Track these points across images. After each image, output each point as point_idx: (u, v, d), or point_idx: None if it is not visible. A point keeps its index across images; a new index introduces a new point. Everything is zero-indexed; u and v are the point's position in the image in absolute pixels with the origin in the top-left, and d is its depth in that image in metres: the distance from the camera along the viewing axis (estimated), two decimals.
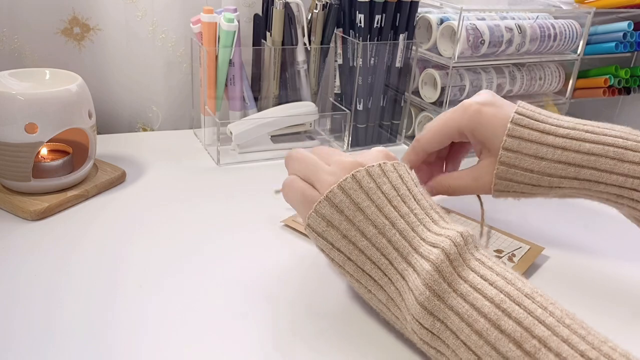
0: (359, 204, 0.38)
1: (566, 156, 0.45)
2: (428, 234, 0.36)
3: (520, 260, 0.48)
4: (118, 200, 0.56)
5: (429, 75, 0.72)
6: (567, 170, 0.45)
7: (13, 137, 0.50)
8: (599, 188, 0.45)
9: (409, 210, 0.37)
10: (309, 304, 0.42)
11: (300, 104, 0.72)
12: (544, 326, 0.30)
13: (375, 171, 0.39)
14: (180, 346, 0.37)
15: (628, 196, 0.44)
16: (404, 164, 0.41)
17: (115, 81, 0.72)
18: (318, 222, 0.39)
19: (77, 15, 0.68)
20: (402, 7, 0.68)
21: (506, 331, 0.31)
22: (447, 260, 0.34)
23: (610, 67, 0.79)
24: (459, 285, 0.33)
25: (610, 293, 0.46)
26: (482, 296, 0.32)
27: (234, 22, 0.64)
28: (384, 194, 0.38)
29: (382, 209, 0.37)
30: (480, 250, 0.36)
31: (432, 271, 0.34)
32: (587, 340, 0.30)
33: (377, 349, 0.38)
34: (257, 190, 0.60)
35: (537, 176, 0.46)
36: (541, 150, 0.45)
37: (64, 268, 0.44)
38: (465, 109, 0.48)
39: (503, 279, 0.33)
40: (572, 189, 0.46)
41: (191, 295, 0.42)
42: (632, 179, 0.44)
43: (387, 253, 0.36)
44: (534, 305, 0.31)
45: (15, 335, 0.37)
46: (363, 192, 0.38)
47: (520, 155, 0.46)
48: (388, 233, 0.37)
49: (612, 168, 0.44)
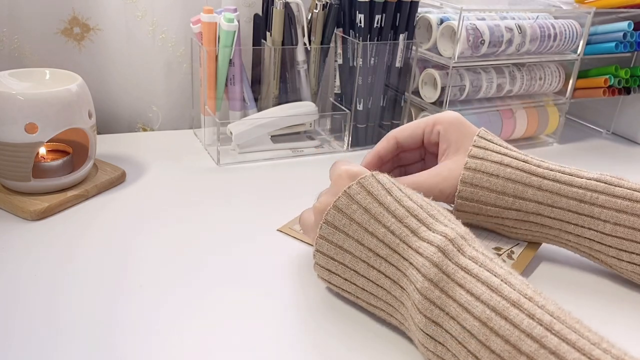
0: (342, 246, 0.40)
1: (528, 167, 0.46)
2: (410, 252, 0.36)
3: (519, 257, 0.48)
4: (118, 200, 0.56)
5: (429, 75, 0.72)
6: (530, 179, 0.46)
7: (13, 137, 0.50)
8: (560, 204, 0.45)
9: (386, 230, 0.38)
10: (309, 303, 0.42)
11: (300, 104, 0.72)
12: (531, 339, 0.30)
13: (342, 203, 0.39)
14: (180, 345, 0.37)
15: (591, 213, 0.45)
16: (372, 173, 0.40)
17: (115, 81, 0.72)
18: (322, 272, 0.42)
19: (77, 15, 0.68)
20: (402, 7, 0.68)
21: (496, 351, 0.31)
22: (432, 285, 0.34)
23: (610, 67, 0.79)
24: (449, 308, 0.34)
25: (607, 290, 0.46)
26: (471, 315, 0.33)
27: (234, 22, 0.64)
28: (358, 224, 0.39)
29: (362, 241, 0.38)
30: (466, 253, 0.35)
31: (422, 300, 0.34)
32: (577, 346, 0.29)
33: (374, 347, 0.38)
34: (257, 190, 0.60)
35: (502, 182, 0.46)
36: (505, 159, 0.47)
37: (63, 268, 0.44)
38: (445, 111, 0.51)
39: (489, 288, 0.33)
40: (536, 205, 0.46)
41: (191, 294, 0.42)
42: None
43: (382, 283, 0.38)
44: (521, 316, 0.31)
45: (15, 335, 0.37)
46: (340, 232, 0.39)
47: (486, 162, 0.47)
48: (375, 264, 0.38)
49: (571, 181, 0.45)
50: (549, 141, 0.82)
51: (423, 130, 0.51)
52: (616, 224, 0.43)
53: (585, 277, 0.48)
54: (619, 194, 0.44)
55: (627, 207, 0.43)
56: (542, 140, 0.82)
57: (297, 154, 0.71)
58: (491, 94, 0.74)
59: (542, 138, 0.82)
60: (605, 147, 0.83)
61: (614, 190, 0.44)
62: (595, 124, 0.90)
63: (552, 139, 0.82)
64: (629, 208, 0.43)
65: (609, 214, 0.44)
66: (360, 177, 0.40)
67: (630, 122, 0.86)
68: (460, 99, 0.72)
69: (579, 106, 0.91)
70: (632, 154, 0.81)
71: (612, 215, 0.43)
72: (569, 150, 0.80)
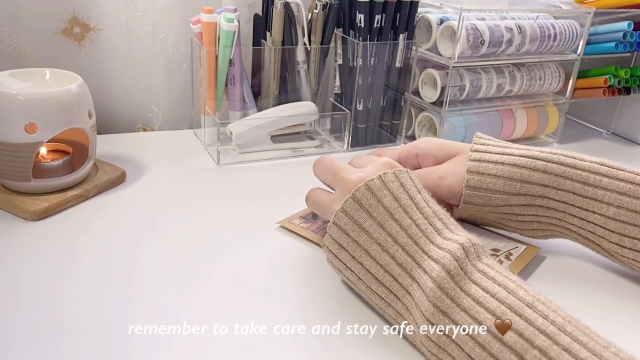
0: (361, 224, 0.39)
1: (532, 153, 0.47)
2: (431, 246, 0.37)
3: (517, 259, 0.48)
4: (118, 200, 0.56)
5: (429, 75, 0.72)
6: (535, 163, 0.47)
7: (13, 137, 0.50)
8: (565, 186, 0.46)
9: (412, 222, 0.38)
10: (310, 302, 0.42)
11: (300, 104, 0.72)
12: (545, 336, 0.31)
13: (375, 185, 0.39)
14: (180, 345, 0.37)
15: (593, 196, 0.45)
16: (407, 170, 0.42)
17: (115, 81, 0.72)
18: (331, 245, 0.41)
19: (77, 15, 0.68)
20: (402, 7, 0.68)
21: (507, 343, 0.31)
22: (449, 276, 0.35)
23: (610, 67, 0.79)
24: (462, 300, 0.34)
25: (606, 294, 0.46)
26: (484, 309, 0.33)
27: (234, 22, 0.64)
28: (385, 208, 0.39)
29: (383, 225, 0.38)
30: (483, 260, 0.37)
31: (434, 288, 0.34)
32: (588, 347, 0.30)
33: (372, 345, 0.38)
34: (257, 190, 0.60)
35: (508, 167, 0.47)
36: (507, 149, 0.48)
37: (64, 268, 0.44)
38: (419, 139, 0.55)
39: (505, 289, 0.34)
40: (542, 188, 0.47)
41: (191, 294, 0.42)
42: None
43: (391, 270, 0.38)
44: (535, 315, 0.32)
45: (15, 335, 0.37)
46: (364, 210, 0.39)
47: (488, 154, 0.48)
48: (391, 249, 0.38)
49: (575, 163, 0.46)
50: (548, 141, 0.82)
51: (401, 158, 0.53)
52: (619, 207, 0.44)
53: (583, 282, 0.48)
54: (621, 176, 0.44)
55: (630, 190, 0.44)
56: (542, 141, 0.82)
57: (297, 154, 0.71)
58: (491, 94, 0.74)
59: (542, 138, 0.83)
60: (605, 147, 0.83)
61: (616, 174, 0.45)
62: (595, 124, 0.90)
63: (552, 139, 0.82)
64: (632, 191, 0.44)
65: (612, 196, 0.44)
66: (396, 169, 0.41)
67: (630, 122, 0.86)
68: (460, 99, 0.72)
69: (579, 106, 0.91)
70: (632, 154, 0.81)
71: (615, 198, 0.44)
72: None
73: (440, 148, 0.51)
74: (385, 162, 0.42)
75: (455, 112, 0.72)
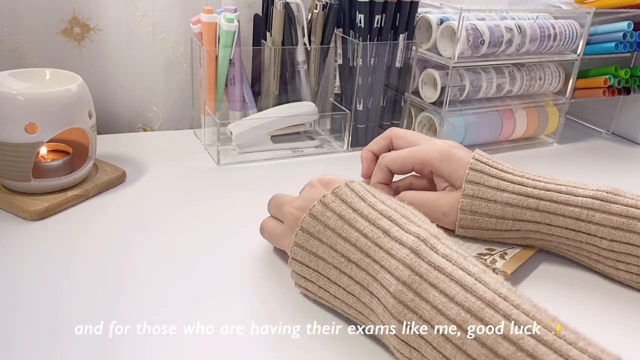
0: (316, 253, 0.40)
1: (525, 190, 0.47)
2: (382, 254, 0.36)
3: (512, 258, 0.48)
4: (118, 200, 0.56)
5: (429, 75, 0.72)
6: (527, 201, 0.47)
7: (13, 137, 0.50)
8: (558, 222, 0.46)
9: (358, 234, 0.38)
10: (307, 303, 0.42)
11: (300, 104, 0.72)
12: (508, 342, 0.30)
13: (317, 210, 0.40)
14: (180, 345, 0.37)
15: (585, 231, 0.46)
16: (346, 182, 0.41)
17: (115, 81, 0.73)
18: (298, 279, 0.42)
19: (77, 15, 0.68)
20: (402, 7, 0.68)
21: (472, 355, 0.31)
22: (405, 287, 0.34)
23: (610, 67, 0.79)
24: (422, 311, 0.33)
25: (601, 295, 0.46)
26: (445, 317, 0.32)
27: (234, 22, 0.64)
28: (332, 229, 0.39)
29: (335, 247, 0.39)
30: (439, 251, 0.35)
31: (395, 304, 0.34)
32: (554, 347, 0.29)
33: (373, 345, 0.38)
34: (257, 190, 0.60)
35: (500, 207, 0.47)
36: (502, 183, 0.48)
37: (64, 268, 0.44)
38: (434, 144, 0.52)
39: (463, 288, 0.33)
40: (534, 224, 0.47)
41: (191, 294, 0.42)
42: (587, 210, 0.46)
43: (352, 290, 0.38)
44: (497, 317, 0.31)
45: (15, 335, 0.37)
46: (315, 238, 0.40)
47: (483, 188, 0.48)
48: (346, 270, 0.38)
49: (567, 200, 0.46)
50: (548, 141, 0.82)
51: (412, 167, 0.52)
52: (612, 241, 0.45)
53: (577, 284, 0.48)
54: (614, 210, 0.45)
55: (623, 224, 0.44)
56: (542, 141, 0.82)
57: (297, 154, 0.71)
58: (491, 94, 0.74)
59: (542, 138, 0.83)
60: (605, 147, 0.83)
61: (609, 208, 0.45)
62: (595, 124, 0.90)
63: (552, 139, 0.82)
64: (625, 225, 0.44)
65: (605, 231, 0.45)
66: (334, 187, 0.41)
67: (630, 122, 0.86)
68: (460, 99, 0.72)
69: (579, 106, 0.91)
70: (632, 154, 0.81)
71: (608, 233, 0.45)
72: (569, 151, 0.80)
73: (450, 173, 0.51)
74: (317, 183, 0.42)
75: (455, 112, 0.72)
